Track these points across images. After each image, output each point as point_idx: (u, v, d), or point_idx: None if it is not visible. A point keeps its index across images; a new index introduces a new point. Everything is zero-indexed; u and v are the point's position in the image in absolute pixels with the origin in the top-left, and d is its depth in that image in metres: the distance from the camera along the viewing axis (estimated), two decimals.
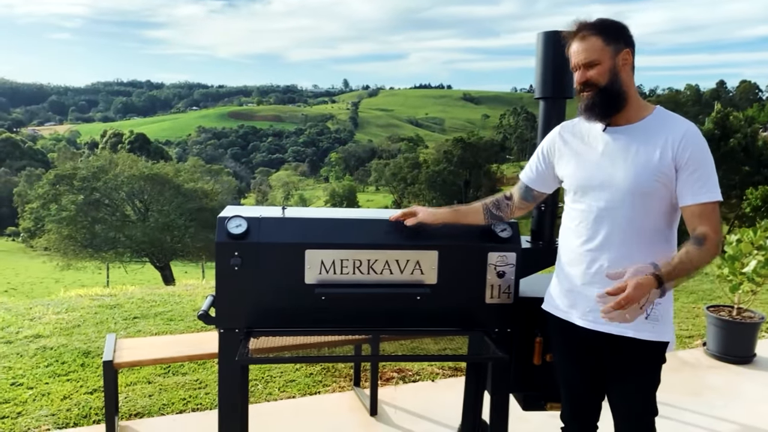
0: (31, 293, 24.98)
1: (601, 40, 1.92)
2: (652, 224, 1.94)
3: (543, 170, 2.21)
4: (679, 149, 1.88)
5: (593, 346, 2.06)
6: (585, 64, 1.93)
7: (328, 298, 2.28)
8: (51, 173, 24.91)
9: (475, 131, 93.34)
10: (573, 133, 2.12)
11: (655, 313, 1.97)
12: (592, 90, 1.94)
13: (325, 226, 2.35)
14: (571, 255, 2.09)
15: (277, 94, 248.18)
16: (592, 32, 1.93)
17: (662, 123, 1.95)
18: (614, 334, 1.99)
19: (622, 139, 1.96)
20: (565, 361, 2.20)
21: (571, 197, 2.10)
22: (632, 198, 1.92)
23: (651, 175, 1.89)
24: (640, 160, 1.91)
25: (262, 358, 2.35)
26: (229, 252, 2.24)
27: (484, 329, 2.40)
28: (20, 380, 3.99)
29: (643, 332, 1.96)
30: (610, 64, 1.93)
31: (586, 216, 2.02)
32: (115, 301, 6.51)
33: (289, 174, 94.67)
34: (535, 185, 2.25)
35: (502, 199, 2.32)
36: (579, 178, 2.04)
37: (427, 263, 2.33)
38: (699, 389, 3.88)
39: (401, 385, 3.75)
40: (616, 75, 1.93)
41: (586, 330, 2.05)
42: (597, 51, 1.92)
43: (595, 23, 1.95)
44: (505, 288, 2.39)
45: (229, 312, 2.29)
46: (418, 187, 62.89)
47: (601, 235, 1.98)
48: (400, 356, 2.71)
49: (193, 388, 3.80)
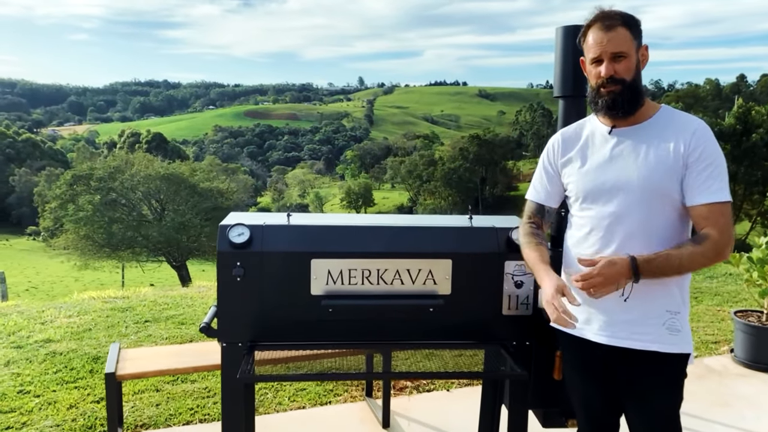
0: (51, 292, 25.30)
1: (629, 32, 1.80)
2: (668, 225, 1.83)
3: (556, 181, 2.05)
4: (690, 147, 1.78)
5: (609, 362, 1.93)
6: (614, 54, 1.79)
7: (335, 310, 2.17)
8: (68, 174, 25.14)
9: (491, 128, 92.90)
10: (575, 137, 1.99)
11: (674, 323, 1.84)
12: (618, 85, 1.81)
13: (332, 234, 2.23)
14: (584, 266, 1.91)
15: (293, 93, 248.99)
16: (620, 22, 1.80)
17: (670, 121, 1.85)
18: (635, 348, 1.86)
19: (631, 140, 1.86)
20: (580, 379, 2.06)
21: (579, 205, 1.96)
22: (647, 199, 1.81)
23: (664, 175, 1.80)
24: (651, 159, 1.81)
25: (266, 376, 2.23)
26: (231, 262, 2.14)
27: (501, 342, 2.26)
28: (28, 387, 3.92)
29: (667, 345, 1.83)
30: (635, 59, 1.83)
31: (598, 223, 1.89)
32: (127, 303, 6.46)
33: (305, 172, 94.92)
34: (550, 201, 2.08)
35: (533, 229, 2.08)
36: (587, 184, 1.91)
37: (441, 272, 2.20)
38: (727, 399, 3.70)
39: (415, 395, 3.63)
40: (638, 71, 1.84)
41: (603, 346, 1.91)
42: (626, 43, 1.80)
43: (621, 13, 1.82)
44: (523, 299, 2.26)
45: (232, 325, 2.18)
46: (433, 185, 62.68)
47: (616, 242, 1.85)
48: (412, 373, 2.57)
49: (201, 396, 3.71)
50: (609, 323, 1.89)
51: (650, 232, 1.82)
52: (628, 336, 1.86)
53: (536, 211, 2.09)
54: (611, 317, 1.89)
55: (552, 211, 2.10)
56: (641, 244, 1.81)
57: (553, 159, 2.04)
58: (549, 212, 2.09)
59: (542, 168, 2.08)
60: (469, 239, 2.24)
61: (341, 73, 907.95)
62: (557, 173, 2.04)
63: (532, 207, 2.10)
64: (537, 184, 2.09)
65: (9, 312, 6.12)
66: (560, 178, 2.04)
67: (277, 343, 2.22)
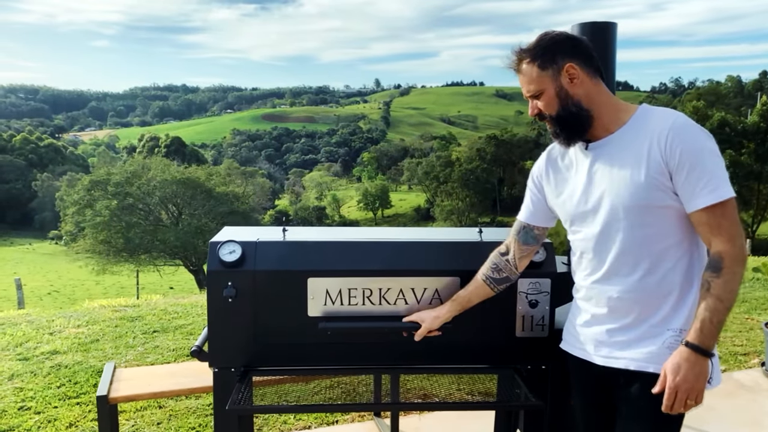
0: (73, 295, 25.54)
1: (536, 67, 1.69)
2: (661, 240, 1.65)
3: (539, 201, 1.92)
4: (666, 148, 1.59)
5: (610, 385, 1.78)
6: (530, 95, 1.73)
7: (334, 333, 2.00)
8: (86, 179, 25.35)
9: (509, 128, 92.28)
10: (561, 156, 1.86)
11: (676, 341, 1.63)
12: (548, 120, 1.74)
13: (331, 250, 2.07)
14: (582, 290, 1.84)
15: (310, 96, 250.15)
16: (526, 60, 1.71)
17: (643, 124, 1.67)
18: (631, 369, 1.70)
19: (605, 153, 1.71)
20: (583, 403, 1.92)
21: (569, 227, 1.85)
22: (630, 215, 1.65)
23: (644, 187, 1.62)
24: (626, 172, 1.64)
25: (260, 407, 2.08)
26: (222, 282, 1.99)
27: (515, 366, 2.09)
28: (29, 403, 3.82)
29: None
30: (554, 88, 1.69)
31: (585, 245, 1.78)
32: (137, 312, 6.38)
33: (321, 174, 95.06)
34: (535, 221, 1.93)
35: (497, 259, 1.96)
36: (570, 207, 1.79)
37: (448, 292, 2.03)
38: (758, 417, 3.47)
39: (425, 414, 3.45)
40: (566, 97, 1.69)
41: (601, 367, 1.78)
42: (534, 80, 1.70)
43: (527, 48, 1.71)
44: (538, 319, 2.08)
45: (224, 349, 2.03)
46: (451, 186, 62.35)
47: (605, 265, 1.72)
48: (421, 404, 2.41)
49: (204, 414, 3.58)
50: (606, 344, 1.76)
51: (640, 248, 1.66)
52: (625, 356, 1.71)
53: (515, 232, 1.96)
54: (609, 337, 1.75)
55: (531, 232, 1.93)
56: (632, 263, 1.67)
57: (537, 179, 1.93)
58: (527, 232, 1.94)
59: (528, 187, 1.97)
60: (479, 255, 2.06)
61: (358, 75, 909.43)
62: (543, 194, 1.91)
63: (513, 227, 1.99)
64: (523, 203, 1.98)
65: (19, 321, 6.06)
66: (545, 200, 1.90)
67: (272, 368, 2.07)
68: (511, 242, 1.96)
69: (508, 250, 1.96)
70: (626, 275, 1.69)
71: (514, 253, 1.94)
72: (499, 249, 1.98)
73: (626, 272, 1.69)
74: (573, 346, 1.89)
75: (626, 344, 1.72)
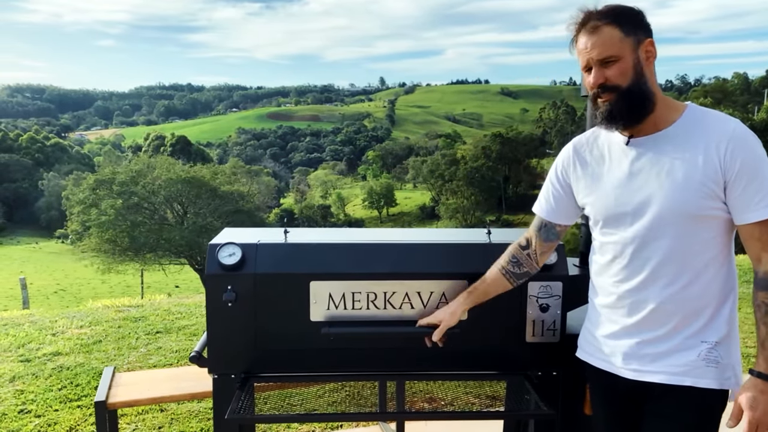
0: (79, 294, 25.59)
1: (619, 31, 1.55)
2: (704, 251, 1.58)
3: (562, 197, 1.81)
4: (726, 156, 1.51)
5: (637, 399, 1.70)
6: (600, 60, 1.56)
7: (337, 338, 1.93)
8: (91, 178, 25.36)
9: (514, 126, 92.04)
10: (590, 150, 1.74)
11: (711, 353, 1.59)
12: (612, 94, 1.57)
13: (334, 252, 1.99)
14: (609, 297, 1.72)
15: (315, 94, 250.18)
16: (605, 21, 1.56)
17: (699, 124, 1.57)
18: (666, 383, 1.61)
19: (651, 152, 1.60)
20: (606, 414, 1.82)
21: (599, 228, 1.72)
22: (676, 224, 1.56)
23: (695, 195, 1.53)
24: (677, 176, 1.55)
25: (261, 416, 2.01)
26: (222, 285, 1.92)
27: (525, 373, 2.01)
28: (30, 406, 3.78)
29: (704, 378, 1.59)
30: (632, 59, 1.55)
31: (622, 250, 1.65)
32: (140, 312, 6.34)
33: (326, 173, 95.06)
34: (556, 218, 1.83)
35: (518, 252, 1.86)
36: (605, 206, 1.67)
37: (456, 295, 1.95)
38: None
39: None
40: (640, 72, 1.57)
41: (628, 380, 1.68)
42: (615, 44, 1.54)
43: (607, 10, 1.57)
44: (549, 324, 2.00)
45: (223, 355, 1.97)
46: (456, 184, 62.23)
47: (643, 273, 1.62)
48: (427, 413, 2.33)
49: (207, 417, 3.52)
50: (635, 356, 1.66)
51: (683, 257, 1.58)
52: (658, 369, 1.62)
53: (536, 228, 1.86)
54: (638, 350, 1.65)
55: (553, 229, 1.83)
56: (674, 273, 1.58)
57: (562, 174, 1.81)
58: (549, 229, 1.84)
59: (550, 181, 1.85)
60: (488, 257, 1.98)
61: (363, 73, 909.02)
62: (567, 190, 1.80)
63: (534, 221, 1.88)
64: (542, 197, 1.86)
65: (22, 322, 6.04)
66: (571, 197, 1.80)
67: (273, 375, 2.00)
68: (532, 237, 1.86)
69: (529, 244, 1.86)
70: (666, 285, 1.60)
71: (536, 248, 1.85)
72: (519, 242, 1.88)
73: (667, 282, 1.60)
74: (594, 357, 1.79)
75: (657, 357, 1.63)
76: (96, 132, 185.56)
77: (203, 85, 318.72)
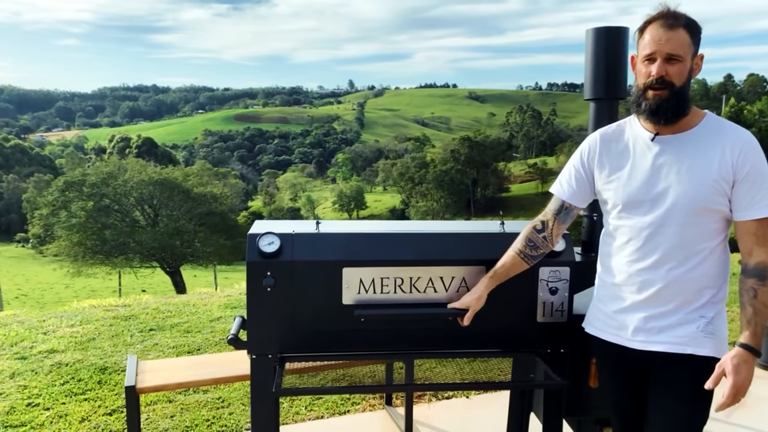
0: (42, 299, 24.99)
1: (688, 36, 1.74)
2: (707, 241, 1.80)
3: (584, 182, 1.99)
4: (738, 161, 1.74)
5: (644, 368, 1.90)
6: (668, 55, 1.72)
7: (368, 319, 2.11)
8: (60, 180, 24.85)
9: (482, 130, 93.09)
10: (616, 141, 1.92)
11: (708, 326, 1.82)
12: (666, 89, 1.74)
13: (364, 242, 2.17)
14: (620, 275, 1.91)
15: (283, 96, 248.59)
16: (681, 23, 1.73)
17: (716, 131, 1.80)
18: (670, 352, 1.82)
19: (673, 150, 1.80)
20: (614, 385, 2.03)
21: (617, 213, 1.91)
22: (689, 214, 1.78)
23: (709, 189, 1.75)
24: (695, 173, 1.76)
25: (296, 389, 2.17)
26: (262, 272, 2.07)
27: (537, 350, 2.22)
28: (36, 400, 3.84)
29: (703, 347, 1.80)
30: (689, 64, 1.76)
31: (637, 233, 1.85)
32: (129, 311, 6.37)
33: (296, 175, 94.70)
34: (577, 201, 2.01)
35: (534, 235, 2.03)
36: (627, 193, 1.86)
37: (474, 280, 2.14)
38: (750, 401, 3.66)
39: (434, 402, 3.57)
40: (689, 78, 1.77)
41: (636, 351, 1.88)
42: (684, 46, 1.73)
43: (684, 15, 1.75)
44: (558, 305, 2.21)
45: (262, 336, 2.12)
46: (425, 187, 62.72)
47: (655, 255, 1.82)
48: (441, 384, 2.51)
49: (216, 407, 3.64)
50: (642, 329, 1.86)
51: (688, 243, 1.80)
52: (662, 340, 1.83)
53: (555, 210, 2.02)
54: (645, 323, 1.86)
55: (572, 211, 2.02)
56: (681, 257, 1.80)
57: (587, 159, 1.97)
58: (567, 211, 2.01)
59: (573, 166, 2.01)
60: (502, 245, 2.18)
61: (331, 75, 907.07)
62: (589, 175, 1.97)
63: (552, 204, 2.05)
64: (564, 180, 2.02)
65: (9, 322, 6.01)
66: (592, 182, 1.98)
67: (307, 354, 2.16)
68: (548, 220, 2.02)
69: (545, 227, 2.02)
70: (675, 267, 1.80)
71: (552, 230, 2.02)
72: (534, 225, 2.04)
73: (675, 264, 1.80)
74: (605, 332, 1.97)
75: (662, 329, 1.83)
76: (57, 133, 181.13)
77: (169, 86, 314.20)
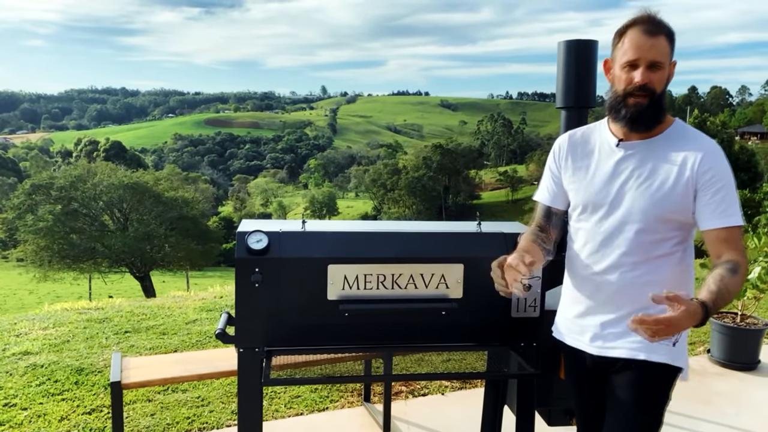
0: (4, 305, 24.40)
1: (668, 44, 1.73)
2: (665, 247, 1.79)
3: (559, 183, 1.99)
4: (699, 169, 1.72)
5: (603, 372, 1.92)
6: (651, 62, 1.71)
7: (351, 314, 2.21)
8: (27, 183, 24.35)
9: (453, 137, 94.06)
10: (582, 144, 1.93)
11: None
12: (646, 96, 1.72)
13: (348, 240, 2.27)
14: (577, 278, 1.94)
15: (255, 101, 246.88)
16: (663, 31, 1.72)
17: (681, 138, 1.78)
18: (624, 357, 1.83)
19: (637, 155, 1.79)
20: (576, 388, 2.09)
21: (577, 215, 1.93)
22: (645, 221, 1.77)
23: (668, 197, 1.74)
24: (656, 180, 1.75)
25: (283, 380, 2.26)
26: (250, 268, 2.16)
27: (511, 344, 2.34)
28: (13, 401, 3.83)
29: (656, 354, 1.79)
30: (667, 72, 1.76)
31: (593, 237, 1.86)
32: (103, 314, 6.33)
33: (267, 181, 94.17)
34: (558, 203, 2.01)
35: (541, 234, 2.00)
36: (586, 195, 1.87)
37: (453, 277, 2.27)
38: (708, 396, 3.87)
39: (411, 399, 3.67)
40: (666, 85, 1.78)
41: (595, 357, 1.91)
42: (665, 53, 1.72)
43: (665, 23, 1.74)
44: (531, 301, 2.34)
45: (249, 330, 2.20)
46: (398, 193, 63.00)
47: (609, 258, 1.82)
48: (418, 375, 2.62)
49: (195, 405, 3.68)
50: (600, 335, 1.88)
51: (643, 249, 1.79)
52: (619, 345, 1.84)
53: (543, 215, 2.02)
54: (602, 329, 1.88)
55: (559, 215, 2.01)
56: (633, 261, 1.79)
57: (557, 159, 1.98)
58: (556, 215, 2.01)
59: (548, 168, 2.02)
60: (480, 244, 2.32)
61: (304, 81, 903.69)
62: (560, 175, 1.98)
63: (539, 210, 2.05)
64: (543, 185, 2.04)
65: None
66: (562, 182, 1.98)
67: (293, 348, 2.25)
68: (544, 227, 2.00)
69: (544, 230, 2.00)
70: (627, 272, 1.80)
71: (552, 235, 2.00)
72: (534, 230, 2.00)
73: (628, 269, 1.79)
74: (568, 336, 2.01)
75: (618, 335, 1.83)
76: (22, 136, 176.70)
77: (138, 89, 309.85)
